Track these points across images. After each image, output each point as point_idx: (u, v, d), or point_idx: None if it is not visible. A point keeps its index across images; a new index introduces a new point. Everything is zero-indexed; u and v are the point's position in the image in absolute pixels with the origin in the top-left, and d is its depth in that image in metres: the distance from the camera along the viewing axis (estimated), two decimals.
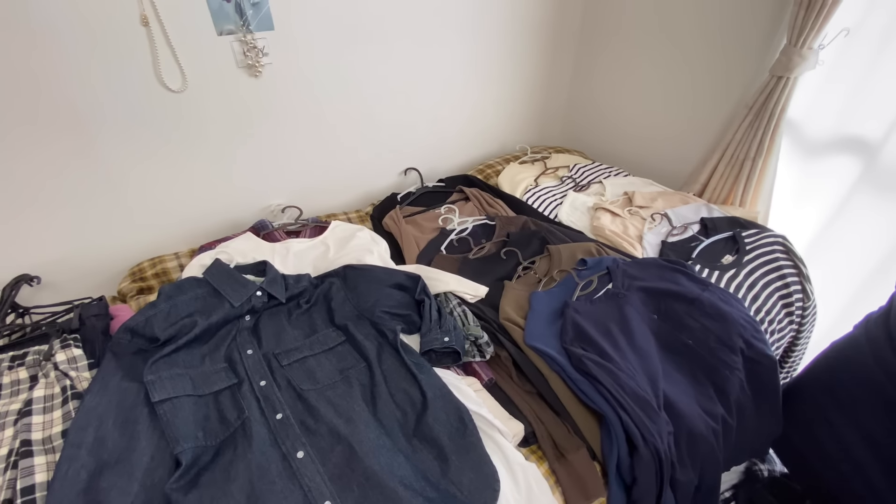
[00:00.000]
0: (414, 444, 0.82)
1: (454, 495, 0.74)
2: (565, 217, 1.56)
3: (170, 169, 1.28)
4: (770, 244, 1.34)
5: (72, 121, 1.09)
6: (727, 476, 1.32)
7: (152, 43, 1.10)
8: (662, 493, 0.86)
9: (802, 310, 1.27)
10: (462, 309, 1.11)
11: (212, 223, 1.43)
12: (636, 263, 1.23)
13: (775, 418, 1.07)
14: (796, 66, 1.31)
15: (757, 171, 1.50)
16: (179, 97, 1.19)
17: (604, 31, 1.88)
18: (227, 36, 1.18)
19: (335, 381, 0.91)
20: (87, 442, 0.74)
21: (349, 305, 1.07)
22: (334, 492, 0.72)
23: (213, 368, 0.90)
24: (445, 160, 1.89)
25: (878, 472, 0.84)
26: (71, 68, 1.04)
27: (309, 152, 1.51)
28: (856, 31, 1.28)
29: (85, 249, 1.26)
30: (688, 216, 1.48)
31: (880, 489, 0.83)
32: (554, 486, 0.84)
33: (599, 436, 0.89)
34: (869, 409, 0.87)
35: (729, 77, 1.56)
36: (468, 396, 0.90)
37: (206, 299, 1.02)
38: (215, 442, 0.78)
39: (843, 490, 0.92)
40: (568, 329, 1.04)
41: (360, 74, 1.47)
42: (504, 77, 1.85)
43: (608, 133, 2.05)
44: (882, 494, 0.84)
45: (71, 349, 0.88)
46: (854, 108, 1.34)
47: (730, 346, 1.03)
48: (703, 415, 0.95)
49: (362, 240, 1.33)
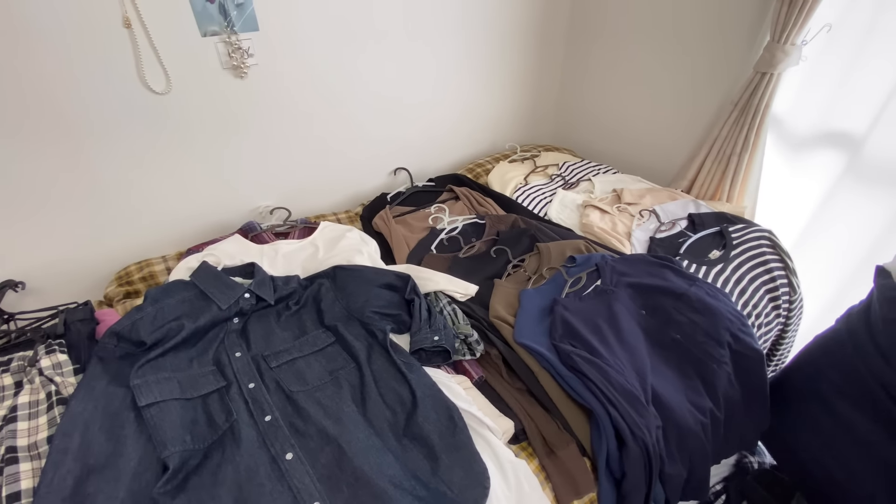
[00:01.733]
0: (404, 444, 0.82)
1: (444, 493, 0.74)
2: (555, 215, 1.57)
3: (156, 172, 1.27)
4: (757, 239, 1.35)
5: (55, 125, 1.08)
6: (718, 469, 1.34)
7: (135, 45, 1.09)
8: (652, 486, 0.87)
9: (789, 303, 1.29)
10: (452, 308, 1.12)
11: (199, 226, 1.42)
12: (624, 260, 1.24)
13: (763, 411, 1.08)
14: (780, 62, 1.32)
15: (743, 166, 1.51)
16: (164, 99, 1.18)
17: (591, 30, 1.89)
18: (212, 37, 1.17)
19: (324, 383, 0.91)
20: (72, 447, 0.73)
21: (339, 306, 1.07)
22: (323, 492, 0.72)
23: (201, 371, 0.90)
24: (435, 160, 1.89)
25: (860, 463, 0.85)
26: (53, 71, 1.03)
27: (297, 153, 1.51)
28: (838, 27, 1.29)
29: (70, 254, 1.25)
30: (676, 212, 1.50)
31: (863, 480, 0.85)
32: (544, 482, 0.85)
33: (589, 431, 0.90)
34: (851, 401, 0.88)
35: (715, 74, 1.57)
36: (458, 395, 0.91)
37: (193, 302, 1.01)
38: (203, 445, 0.77)
39: (829, 482, 0.93)
40: (557, 326, 1.04)
41: (348, 74, 1.47)
42: (493, 76, 1.86)
43: (597, 131, 2.06)
44: (865, 486, 0.85)
45: (56, 354, 0.87)
46: (837, 102, 1.36)
47: (717, 339, 1.04)
48: (691, 408, 0.95)
49: (352, 240, 1.33)
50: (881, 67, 1.24)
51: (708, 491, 1.04)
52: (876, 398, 0.82)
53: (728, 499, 1.27)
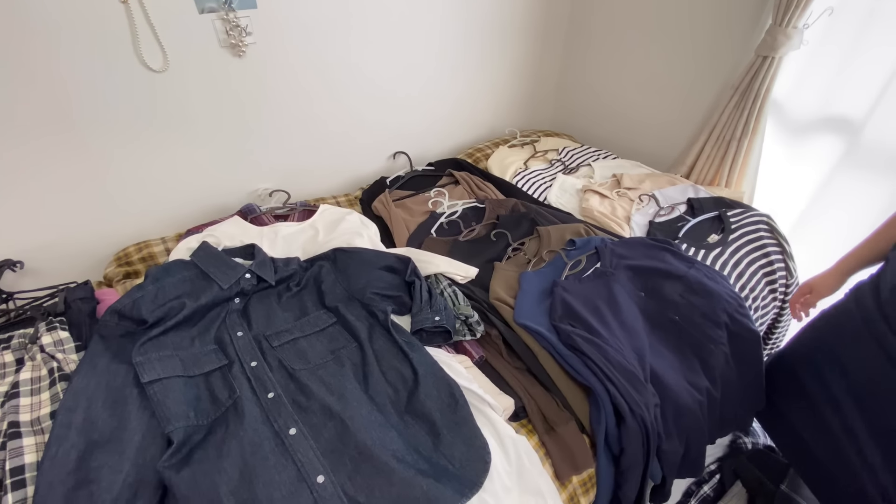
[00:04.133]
0: (406, 420, 0.83)
1: (446, 468, 0.75)
2: (554, 199, 1.57)
3: (153, 152, 1.26)
4: (755, 223, 1.36)
5: (51, 104, 1.07)
6: (713, 449, 1.36)
7: (131, 21, 1.07)
8: (649, 462, 0.88)
9: (786, 286, 1.30)
10: (452, 290, 1.12)
11: (198, 208, 1.41)
12: (624, 243, 1.24)
13: (758, 391, 1.09)
14: (781, 46, 1.32)
15: (742, 151, 1.51)
16: (162, 77, 1.16)
17: (593, 15, 1.87)
18: (209, 14, 1.15)
19: (326, 361, 0.91)
20: (76, 422, 0.73)
21: (340, 287, 1.07)
22: (327, 466, 0.72)
23: (203, 350, 0.90)
24: (435, 144, 1.88)
25: (865, 434, 0.87)
26: (48, 49, 1.01)
27: (296, 135, 1.49)
28: (840, 11, 1.29)
29: (68, 235, 1.24)
30: (675, 197, 1.50)
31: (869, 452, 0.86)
32: (544, 458, 0.86)
33: (588, 409, 0.91)
34: (859, 373, 0.89)
35: (716, 58, 1.57)
36: (459, 373, 0.91)
37: (194, 282, 1.01)
38: (207, 421, 0.78)
39: (834, 456, 0.94)
40: (557, 307, 1.05)
41: (348, 56, 1.45)
42: (494, 61, 1.84)
43: (597, 116, 2.05)
44: (871, 459, 0.86)
45: (57, 332, 0.87)
46: (837, 87, 1.36)
47: (715, 321, 1.05)
48: (688, 387, 0.97)
49: (352, 223, 1.32)
50: (881, 53, 1.24)
51: (703, 468, 1.06)
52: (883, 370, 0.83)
53: (722, 478, 1.30)
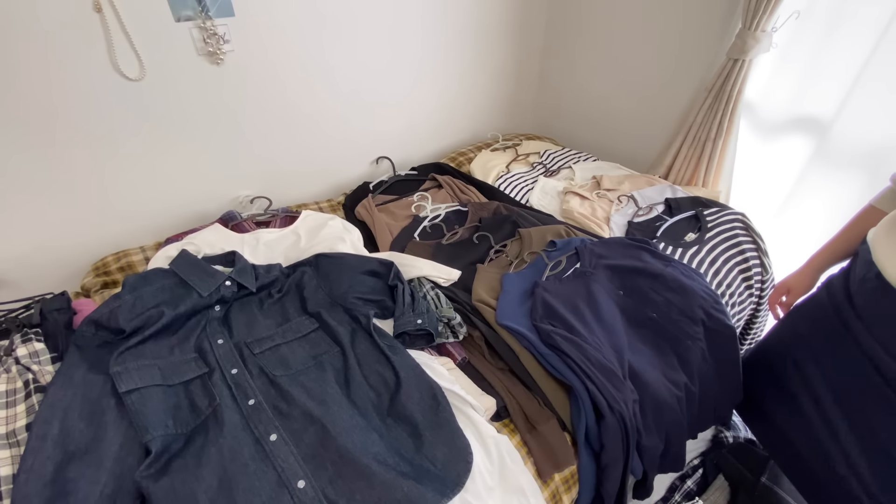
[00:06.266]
0: (388, 423, 0.83)
1: (428, 469, 0.76)
2: (536, 201, 1.59)
3: (131, 160, 1.25)
4: (730, 221, 1.40)
5: (26, 113, 1.06)
6: (695, 444, 1.38)
7: (106, 29, 1.06)
8: (630, 458, 0.90)
9: (761, 283, 1.33)
10: (435, 292, 1.13)
11: (178, 215, 1.40)
12: (603, 243, 1.26)
13: (736, 384, 1.12)
14: (751, 49, 1.36)
15: (718, 151, 1.55)
16: (138, 86, 1.16)
17: (569, 20, 1.91)
18: (186, 22, 1.15)
19: (308, 367, 0.91)
20: (52, 434, 0.72)
21: (322, 293, 1.07)
22: (308, 471, 0.72)
23: (183, 359, 0.89)
24: (417, 148, 1.90)
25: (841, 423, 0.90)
26: (20, 56, 1.00)
27: (278, 142, 1.49)
28: (806, 14, 1.33)
29: (44, 247, 1.22)
30: (653, 197, 1.53)
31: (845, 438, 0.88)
32: (526, 456, 0.87)
33: (568, 407, 0.92)
34: (834, 364, 0.92)
35: (689, 61, 1.61)
36: (441, 375, 0.92)
37: (172, 290, 1.00)
38: (186, 430, 0.77)
39: (811, 447, 0.97)
40: (538, 307, 1.06)
41: (327, 63, 1.46)
42: (475, 65, 1.86)
43: (578, 120, 2.08)
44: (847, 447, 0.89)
45: (32, 343, 0.86)
46: (806, 88, 1.40)
47: (691, 317, 1.07)
48: (666, 383, 0.99)
49: (334, 228, 1.33)
50: (847, 54, 1.28)
51: (684, 463, 1.07)
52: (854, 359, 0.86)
53: (705, 472, 1.32)
